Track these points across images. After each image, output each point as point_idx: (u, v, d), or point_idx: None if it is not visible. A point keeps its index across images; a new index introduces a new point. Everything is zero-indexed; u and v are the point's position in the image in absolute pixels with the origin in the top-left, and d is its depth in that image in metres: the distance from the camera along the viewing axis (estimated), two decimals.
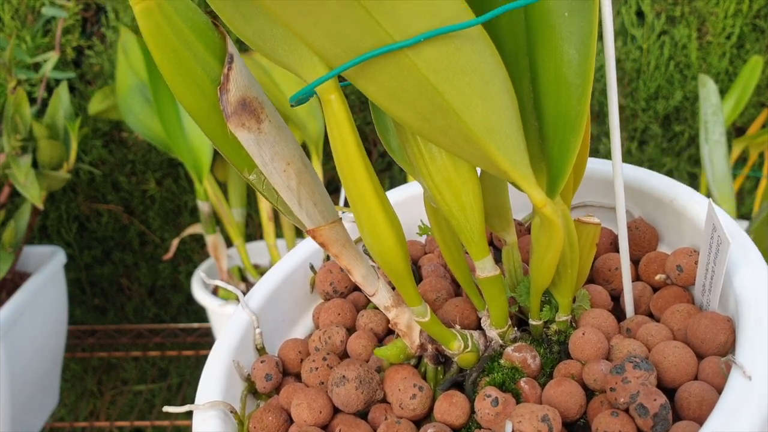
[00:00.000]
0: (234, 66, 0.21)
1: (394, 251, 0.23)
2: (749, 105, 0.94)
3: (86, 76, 0.90)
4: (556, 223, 0.21)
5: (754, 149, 0.85)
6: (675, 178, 0.97)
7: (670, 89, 0.92)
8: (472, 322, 0.28)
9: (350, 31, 0.17)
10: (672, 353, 0.23)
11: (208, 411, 0.26)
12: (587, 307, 0.26)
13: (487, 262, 0.24)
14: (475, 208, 0.23)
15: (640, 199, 0.31)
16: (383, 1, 0.16)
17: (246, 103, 0.21)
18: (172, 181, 0.94)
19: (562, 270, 0.24)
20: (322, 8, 0.16)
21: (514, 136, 0.19)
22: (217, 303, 0.75)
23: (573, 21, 0.20)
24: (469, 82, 0.18)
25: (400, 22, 0.16)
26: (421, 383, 0.25)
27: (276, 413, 0.27)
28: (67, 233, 0.96)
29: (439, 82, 0.18)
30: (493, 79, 0.18)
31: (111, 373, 1.05)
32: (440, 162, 0.22)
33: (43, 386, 0.80)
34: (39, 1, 0.86)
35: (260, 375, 0.29)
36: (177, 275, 1.00)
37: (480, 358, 0.26)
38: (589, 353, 0.24)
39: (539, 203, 0.21)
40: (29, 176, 0.69)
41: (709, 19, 0.89)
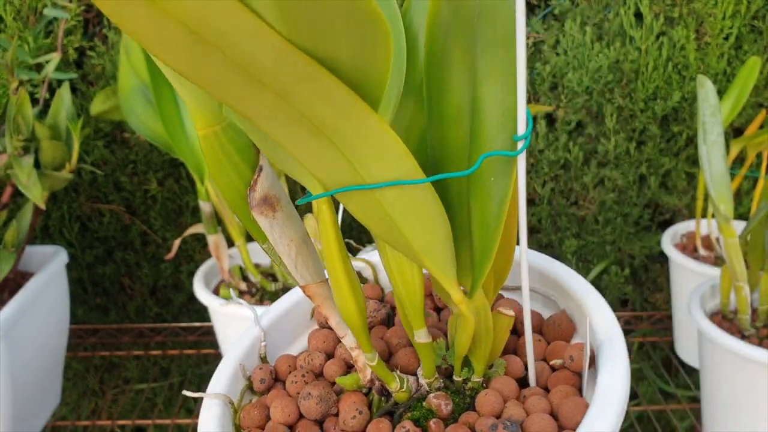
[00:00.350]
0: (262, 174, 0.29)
1: (354, 315, 0.31)
2: (747, 105, 0.94)
3: (88, 77, 0.90)
4: (468, 318, 0.30)
5: (751, 149, 0.85)
6: (673, 179, 0.98)
7: (668, 90, 0.92)
8: (412, 369, 0.35)
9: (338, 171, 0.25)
10: (539, 422, 0.29)
11: (214, 400, 0.34)
12: (501, 373, 0.34)
13: (423, 332, 0.32)
14: (418, 292, 0.30)
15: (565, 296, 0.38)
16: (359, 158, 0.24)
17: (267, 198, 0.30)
18: (173, 181, 0.94)
19: (476, 346, 0.32)
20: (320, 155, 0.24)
21: (444, 253, 0.28)
22: (218, 302, 0.76)
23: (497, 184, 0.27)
24: (414, 216, 0.26)
25: (371, 172, 0.25)
26: (363, 408, 0.33)
27: (260, 409, 0.35)
28: (69, 233, 0.97)
29: (394, 213, 0.26)
30: (432, 215, 0.27)
31: (113, 372, 1.06)
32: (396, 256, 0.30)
33: (45, 385, 0.81)
34: (41, 2, 0.87)
35: (257, 378, 0.37)
36: (179, 275, 1.01)
37: (410, 398, 0.34)
38: (486, 410, 0.31)
39: (457, 302, 0.29)
40: (31, 176, 0.69)
41: (707, 20, 0.90)
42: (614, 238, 1.01)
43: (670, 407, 0.91)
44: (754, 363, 0.65)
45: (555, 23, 0.90)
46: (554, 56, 0.90)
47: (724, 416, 0.71)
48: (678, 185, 0.98)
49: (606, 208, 0.99)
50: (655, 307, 1.06)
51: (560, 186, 0.98)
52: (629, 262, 1.03)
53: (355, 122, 0.22)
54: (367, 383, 0.34)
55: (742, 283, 0.69)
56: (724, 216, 0.68)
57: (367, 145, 0.23)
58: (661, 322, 1.03)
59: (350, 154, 0.24)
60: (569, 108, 0.93)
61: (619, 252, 1.03)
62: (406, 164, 0.24)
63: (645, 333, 1.03)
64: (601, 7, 0.89)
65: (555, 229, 1.01)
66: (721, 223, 0.68)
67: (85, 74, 0.90)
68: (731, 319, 0.73)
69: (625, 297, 1.05)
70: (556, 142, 0.94)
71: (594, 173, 0.96)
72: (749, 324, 0.70)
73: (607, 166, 0.96)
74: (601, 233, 1.00)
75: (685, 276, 0.88)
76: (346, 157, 0.24)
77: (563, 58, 0.90)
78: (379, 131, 0.23)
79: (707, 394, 0.73)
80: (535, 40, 0.91)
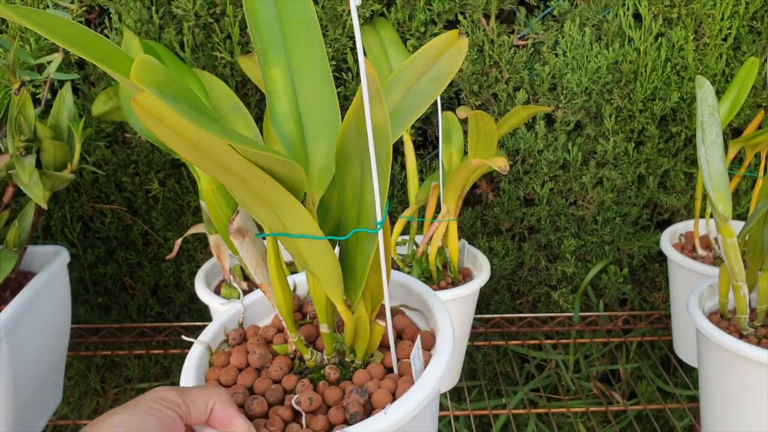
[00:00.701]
0: (238, 215, 0.47)
1: (282, 306, 0.46)
2: (745, 106, 0.95)
3: (90, 77, 0.91)
4: (348, 321, 0.44)
5: (750, 150, 0.86)
6: (672, 179, 0.98)
7: (667, 91, 0.93)
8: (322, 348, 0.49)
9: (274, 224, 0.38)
10: (380, 393, 0.42)
11: (199, 345, 0.48)
12: (378, 362, 0.46)
13: (325, 325, 0.46)
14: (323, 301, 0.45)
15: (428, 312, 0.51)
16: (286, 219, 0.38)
17: (239, 229, 0.47)
18: (174, 181, 0.95)
19: (357, 340, 0.45)
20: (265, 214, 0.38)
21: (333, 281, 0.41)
22: (219, 302, 0.76)
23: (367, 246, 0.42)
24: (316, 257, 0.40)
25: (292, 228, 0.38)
26: (284, 366, 0.47)
27: (226, 356, 0.48)
28: (70, 233, 0.97)
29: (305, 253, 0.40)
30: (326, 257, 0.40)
31: (114, 371, 1.06)
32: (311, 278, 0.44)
33: (47, 384, 0.81)
34: (43, 3, 0.87)
35: (231, 336, 0.50)
36: (180, 274, 1.01)
37: (316, 366, 0.47)
38: (357, 382, 0.44)
39: (341, 311, 0.43)
40: (33, 177, 0.70)
41: (705, 21, 0.90)
42: (613, 237, 1.01)
43: (669, 406, 0.91)
44: (752, 362, 0.65)
45: (554, 24, 0.90)
46: (553, 57, 0.91)
47: (723, 415, 0.71)
48: (676, 185, 0.99)
49: (605, 208, 0.99)
50: (653, 306, 1.07)
51: (559, 186, 0.98)
52: (628, 261, 1.04)
53: (283, 201, 0.36)
54: (293, 352, 0.48)
55: (741, 282, 0.69)
56: (722, 216, 0.68)
57: (289, 213, 0.37)
58: (659, 321, 1.04)
59: (281, 216, 0.38)
60: (568, 108, 0.93)
61: (617, 252, 1.03)
62: (311, 226, 0.38)
63: (644, 332, 1.03)
64: (600, 8, 0.89)
65: (554, 228, 1.01)
66: (720, 223, 0.68)
67: (87, 75, 0.91)
68: (729, 318, 0.74)
69: (623, 296, 1.06)
70: (555, 142, 0.95)
71: (593, 173, 0.97)
72: (747, 323, 0.70)
73: (605, 166, 0.97)
74: (599, 233, 1.00)
75: (684, 275, 0.88)
76: (278, 217, 0.38)
77: (562, 58, 0.90)
78: (296, 207, 0.37)
79: (706, 393, 0.74)
80: (534, 41, 0.91)
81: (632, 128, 0.95)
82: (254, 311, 0.53)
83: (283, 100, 0.40)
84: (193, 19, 0.87)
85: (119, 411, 0.37)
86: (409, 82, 0.42)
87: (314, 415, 0.42)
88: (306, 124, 0.40)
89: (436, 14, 0.89)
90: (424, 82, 0.42)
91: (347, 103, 0.92)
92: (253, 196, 0.36)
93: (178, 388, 0.40)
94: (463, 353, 0.89)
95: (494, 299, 1.05)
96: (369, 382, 0.44)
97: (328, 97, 0.40)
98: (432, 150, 0.98)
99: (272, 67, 0.40)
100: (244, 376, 0.46)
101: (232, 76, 0.90)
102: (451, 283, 0.83)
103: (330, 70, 0.41)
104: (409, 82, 0.42)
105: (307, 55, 0.40)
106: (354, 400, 0.41)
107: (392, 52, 0.86)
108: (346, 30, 0.88)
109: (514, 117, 0.74)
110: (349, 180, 0.40)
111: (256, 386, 0.45)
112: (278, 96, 0.40)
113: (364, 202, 0.40)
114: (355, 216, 0.41)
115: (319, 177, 0.41)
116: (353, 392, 0.42)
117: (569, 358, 1.06)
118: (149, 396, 0.38)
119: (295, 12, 0.40)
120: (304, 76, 0.40)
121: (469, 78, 0.91)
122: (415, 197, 0.84)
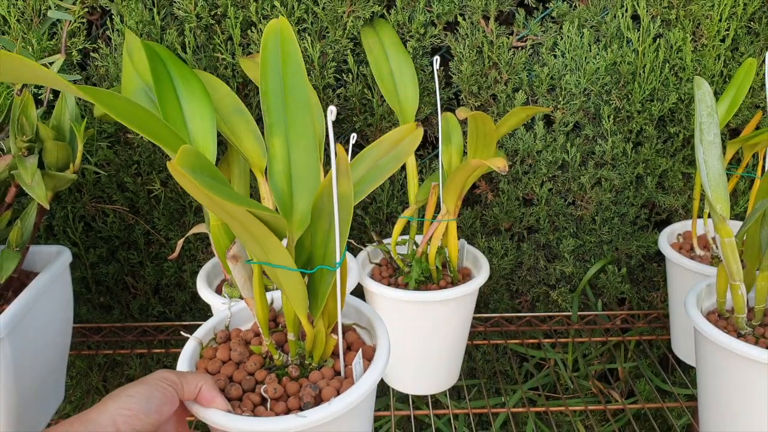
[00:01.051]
0: (234, 245, 0.55)
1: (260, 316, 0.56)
2: (743, 107, 0.95)
3: (92, 78, 0.91)
4: (308, 333, 0.55)
5: (748, 150, 0.86)
6: (670, 179, 0.98)
7: (665, 91, 0.93)
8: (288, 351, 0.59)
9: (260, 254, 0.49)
10: (327, 389, 0.53)
11: (193, 341, 0.59)
12: (330, 366, 0.57)
13: (292, 334, 0.56)
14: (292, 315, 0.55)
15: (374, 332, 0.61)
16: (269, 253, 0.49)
17: (234, 255, 0.55)
18: (176, 181, 0.95)
19: (315, 348, 0.56)
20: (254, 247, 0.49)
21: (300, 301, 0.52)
22: (220, 301, 0.77)
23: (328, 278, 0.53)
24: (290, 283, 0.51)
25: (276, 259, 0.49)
26: (258, 363, 0.57)
27: (213, 350, 0.59)
28: (73, 233, 0.98)
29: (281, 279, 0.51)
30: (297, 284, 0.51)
31: (116, 370, 1.07)
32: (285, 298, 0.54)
33: (49, 383, 0.81)
34: (45, 4, 0.88)
35: (219, 335, 0.60)
36: (182, 274, 1.02)
37: (282, 365, 0.57)
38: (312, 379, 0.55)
39: (304, 325, 0.54)
40: (36, 177, 0.70)
41: (703, 22, 0.90)
42: (611, 237, 1.02)
43: (667, 405, 0.92)
44: (750, 361, 0.66)
45: (553, 26, 0.91)
46: (552, 58, 0.91)
47: (721, 414, 0.72)
48: (674, 185, 0.99)
49: (603, 208, 1.00)
50: (652, 305, 1.07)
51: (558, 186, 0.99)
52: (626, 261, 1.04)
53: (269, 240, 0.47)
54: (265, 352, 0.58)
55: (739, 282, 0.70)
56: (720, 216, 0.68)
57: (272, 249, 0.48)
58: (658, 320, 1.04)
59: (266, 250, 0.48)
60: (567, 109, 0.94)
61: (616, 251, 1.04)
62: (288, 261, 0.49)
63: (642, 331, 1.04)
64: (598, 9, 0.90)
65: (553, 228, 1.01)
66: (718, 223, 0.69)
67: (89, 76, 0.91)
68: (727, 317, 0.74)
69: (622, 296, 1.06)
70: (554, 143, 0.95)
71: (591, 173, 0.97)
72: (745, 323, 0.71)
73: (604, 166, 0.97)
74: (598, 233, 1.01)
75: (682, 275, 0.89)
76: (264, 251, 0.49)
77: (561, 60, 0.91)
78: (278, 245, 0.48)
79: (704, 392, 0.74)
80: (533, 43, 0.92)
81: (630, 129, 0.95)
82: (239, 317, 0.64)
83: (280, 163, 0.52)
84: (194, 20, 0.87)
85: (132, 385, 0.48)
86: (375, 158, 0.57)
87: (277, 401, 0.53)
88: (294, 183, 0.52)
89: (436, 16, 0.89)
90: (387, 159, 0.56)
91: (347, 104, 0.93)
92: (248, 234, 0.47)
93: (176, 372, 0.51)
94: (463, 352, 0.90)
95: (493, 298, 1.06)
96: (321, 380, 0.54)
97: (313, 164, 0.52)
98: (432, 150, 0.98)
99: (275, 138, 0.52)
100: (226, 368, 0.56)
101: (234, 77, 0.90)
102: (450, 282, 0.84)
103: (316, 143, 0.53)
104: (375, 158, 0.57)
105: (302, 131, 0.52)
106: (308, 393, 0.53)
107: (392, 54, 0.86)
108: (346, 32, 0.89)
109: (513, 118, 0.75)
110: (319, 229, 0.52)
111: (234, 376, 0.56)
112: (277, 159, 0.52)
113: (329, 247, 0.52)
114: (321, 255, 0.52)
115: (299, 223, 0.52)
116: (308, 387, 0.53)
117: (568, 357, 1.06)
118: (155, 375, 0.49)
119: (297, 98, 0.52)
120: (298, 147, 0.52)
121: (468, 79, 0.92)
122: (414, 197, 0.84)
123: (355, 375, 0.54)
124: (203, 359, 0.58)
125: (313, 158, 0.52)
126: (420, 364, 0.86)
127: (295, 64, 0.52)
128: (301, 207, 0.52)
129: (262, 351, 0.58)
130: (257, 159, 0.77)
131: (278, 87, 0.52)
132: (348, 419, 0.52)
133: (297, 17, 0.88)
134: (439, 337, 0.84)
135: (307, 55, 0.89)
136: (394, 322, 0.84)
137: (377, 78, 0.84)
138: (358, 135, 0.95)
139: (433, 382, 0.89)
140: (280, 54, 0.52)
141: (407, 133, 0.58)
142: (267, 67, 0.51)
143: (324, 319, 0.54)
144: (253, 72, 0.81)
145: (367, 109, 0.94)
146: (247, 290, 0.56)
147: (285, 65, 0.52)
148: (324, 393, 0.53)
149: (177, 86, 0.67)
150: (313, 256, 0.53)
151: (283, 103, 0.52)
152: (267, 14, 0.88)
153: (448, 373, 0.89)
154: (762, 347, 0.65)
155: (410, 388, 0.89)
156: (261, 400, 0.54)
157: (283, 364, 0.57)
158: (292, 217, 0.52)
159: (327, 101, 0.92)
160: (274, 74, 0.52)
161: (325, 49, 0.90)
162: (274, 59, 0.52)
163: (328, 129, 0.47)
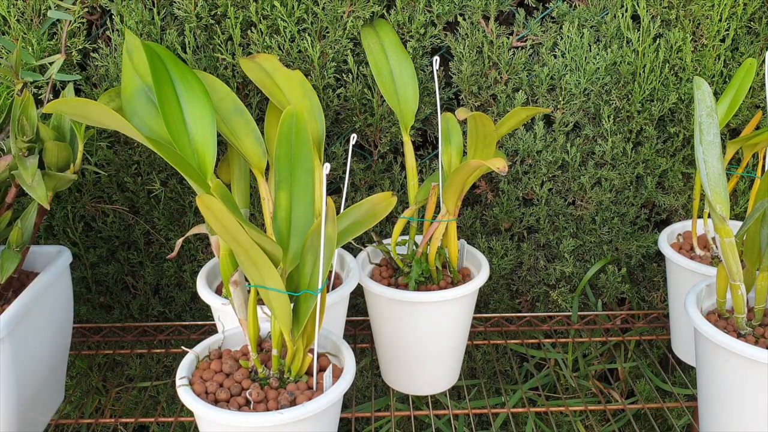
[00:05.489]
0: (237, 271, 0.66)
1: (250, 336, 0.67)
2: (743, 107, 0.95)
3: (92, 78, 0.91)
4: (290, 350, 0.65)
5: (747, 150, 0.86)
6: (669, 179, 0.99)
7: (665, 92, 0.93)
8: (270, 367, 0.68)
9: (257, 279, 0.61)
10: (301, 397, 0.63)
11: (192, 354, 0.69)
12: (304, 381, 0.66)
13: (275, 350, 0.66)
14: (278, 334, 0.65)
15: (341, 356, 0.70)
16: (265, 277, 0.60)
17: (235, 281, 0.66)
18: (176, 181, 0.95)
19: (293, 363, 0.65)
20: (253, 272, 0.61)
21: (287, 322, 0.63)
22: (220, 301, 0.77)
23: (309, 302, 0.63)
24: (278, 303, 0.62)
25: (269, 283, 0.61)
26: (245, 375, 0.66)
27: (208, 363, 0.68)
28: (73, 233, 0.98)
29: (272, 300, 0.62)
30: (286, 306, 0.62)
31: (116, 370, 1.07)
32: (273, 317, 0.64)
33: (49, 383, 0.82)
34: (45, 4, 0.88)
35: (213, 353, 0.70)
36: (182, 274, 1.02)
37: (265, 376, 0.67)
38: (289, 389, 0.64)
39: (287, 342, 0.64)
40: (36, 177, 0.70)
41: (703, 23, 0.91)
42: (611, 237, 1.02)
43: (667, 405, 0.92)
44: (750, 361, 0.66)
45: (553, 26, 0.91)
46: (552, 58, 0.91)
47: (721, 414, 0.72)
48: (674, 185, 0.99)
49: (603, 208, 1.00)
50: (652, 305, 1.07)
51: (558, 186, 0.99)
52: (626, 261, 1.04)
53: (267, 267, 0.59)
54: (251, 367, 0.67)
55: (738, 282, 0.70)
56: (720, 216, 0.69)
57: (268, 274, 0.59)
58: (658, 320, 1.04)
59: (263, 275, 0.60)
60: (567, 109, 0.94)
61: (616, 251, 1.04)
62: (280, 285, 0.60)
63: (642, 331, 1.04)
64: (598, 9, 0.90)
65: (553, 228, 1.01)
66: (718, 223, 0.69)
67: (89, 76, 0.91)
68: (727, 317, 0.74)
69: (622, 296, 1.06)
70: (554, 143, 0.95)
71: (591, 174, 0.97)
72: (745, 323, 0.71)
73: (604, 166, 0.97)
74: (598, 233, 1.01)
75: (682, 275, 0.89)
76: (261, 275, 0.60)
77: (561, 60, 0.91)
78: (273, 271, 0.59)
79: (704, 392, 0.74)
80: (533, 43, 0.92)
81: (630, 129, 0.95)
82: (231, 341, 0.72)
83: (284, 211, 0.64)
84: (194, 20, 0.87)
85: None
86: (356, 216, 0.71)
87: (259, 404, 0.63)
88: (293, 228, 0.64)
89: (436, 16, 0.89)
90: (365, 217, 0.71)
91: (347, 104, 0.93)
92: (250, 261, 0.59)
93: None
94: (463, 352, 0.90)
95: (493, 298, 1.06)
96: (296, 391, 0.64)
97: (309, 216, 0.64)
98: (432, 150, 0.98)
99: (282, 191, 0.64)
100: (217, 376, 0.67)
101: (234, 78, 0.90)
102: (450, 282, 0.84)
103: (314, 200, 0.64)
104: (356, 216, 0.71)
105: (303, 190, 0.64)
106: (285, 398, 0.63)
107: (392, 54, 0.86)
108: (346, 32, 0.89)
109: (513, 118, 0.75)
110: (307, 263, 0.63)
111: (224, 383, 0.66)
112: (281, 209, 0.64)
113: (314, 278, 0.63)
114: (306, 284, 0.63)
115: (292, 259, 0.64)
116: (285, 393, 0.63)
117: (568, 357, 1.06)
118: None
119: (302, 164, 0.64)
120: (299, 201, 0.64)
121: (468, 79, 0.92)
122: (414, 197, 0.84)
123: (325, 386, 0.64)
124: (199, 369, 0.68)
125: (310, 211, 0.64)
126: (420, 365, 0.87)
127: (303, 138, 0.64)
128: (295, 247, 0.64)
129: (249, 366, 0.67)
130: (257, 159, 0.77)
131: (289, 153, 0.63)
132: (317, 421, 0.63)
133: (297, 17, 0.88)
134: (438, 337, 0.84)
135: (307, 55, 0.89)
136: (393, 323, 0.84)
137: (377, 78, 0.84)
138: (358, 135, 0.95)
139: (433, 382, 0.89)
140: (294, 130, 0.64)
141: (384, 200, 0.72)
142: (282, 137, 0.63)
143: (303, 339, 0.64)
144: (252, 72, 0.81)
145: (367, 109, 0.94)
146: (242, 312, 0.67)
147: (297, 138, 0.64)
148: (298, 399, 0.63)
149: (177, 86, 0.67)
150: (299, 285, 0.64)
151: (291, 166, 0.63)
152: (267, 14, 0.88)
153: (448, 373, 0.89)
154: (762, 347, 0.65)
155: (410, 389, 0.90)
156: (245, 402, 0.64)
157: (266, 377, 0.66)
158: (287, 254, 0.63)
159: (327, 101, 0.92)
160: (286, 143, 0.63)
161: (325, 49, 0.90)
162: (288, 133, 0.63)
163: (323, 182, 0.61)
